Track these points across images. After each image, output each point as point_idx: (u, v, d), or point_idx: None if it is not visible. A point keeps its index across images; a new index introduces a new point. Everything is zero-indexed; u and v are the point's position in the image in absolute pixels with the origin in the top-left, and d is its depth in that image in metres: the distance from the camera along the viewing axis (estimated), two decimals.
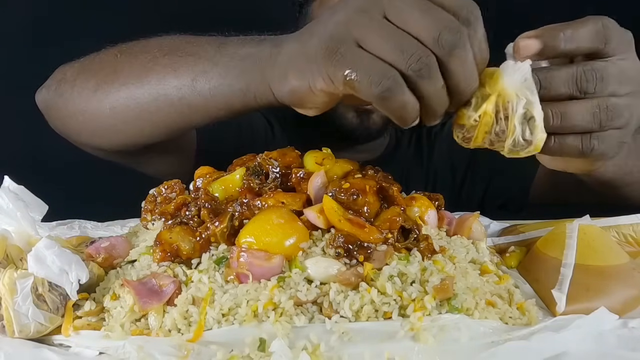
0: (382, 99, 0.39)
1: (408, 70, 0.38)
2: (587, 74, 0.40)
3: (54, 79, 0.66)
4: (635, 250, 0.54)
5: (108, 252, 0.49)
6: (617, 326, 0.42)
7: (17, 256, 0.45)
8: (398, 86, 0.38)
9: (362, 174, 0.51)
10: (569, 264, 0.47)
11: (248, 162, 0.54)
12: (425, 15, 0.38)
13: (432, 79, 0.39)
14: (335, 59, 0.39)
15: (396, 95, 0.39)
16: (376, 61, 0.39)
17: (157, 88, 0.55)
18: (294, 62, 0.43)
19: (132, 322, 0.42)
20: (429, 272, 0.43)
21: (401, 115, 0.40)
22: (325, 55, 0.40)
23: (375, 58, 0.39)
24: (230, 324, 0.40)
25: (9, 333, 0.41)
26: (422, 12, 0.39)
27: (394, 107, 0.39)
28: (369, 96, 0.39)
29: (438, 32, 0.38)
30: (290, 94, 0.44)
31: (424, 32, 0.38)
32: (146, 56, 0.57)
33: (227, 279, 0.43)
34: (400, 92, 0.39)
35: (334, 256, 0.44)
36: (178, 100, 0.53)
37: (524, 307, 0.44)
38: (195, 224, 0.48)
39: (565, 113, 0.40)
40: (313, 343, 0.39)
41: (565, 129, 0.41)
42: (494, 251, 0.56)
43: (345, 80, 0.39)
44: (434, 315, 0.40)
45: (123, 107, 0.58)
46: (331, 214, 0.45)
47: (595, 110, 0.40)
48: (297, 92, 0.43)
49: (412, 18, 0.38)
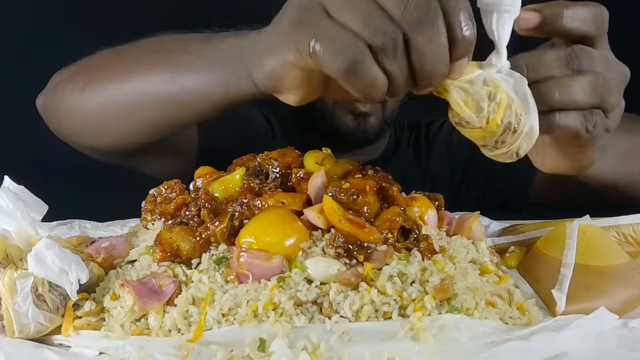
0: (346, 72, 0.37)
1: (373, 43, 0.36)
2: (576, 51, 0.40)
3: (52, 82, 0.67)
4: (635, 250, 0.54)
5: (108, 252, 0.49)
6: (617, 326, 0.42)
7: (17, 256, 0.45)
8: (364, 59, 0.36)
9: (362, 174, 0.51)
10: (569, 264, 0.47)
11: (248, 162, 0.54)
12: None
13: (395, 56, 0.37)
14: (303, 28, 0.38)
15: (362, 69, 0.36)
16: (342, 31, 0.37)
17: (143, 84, 0.55)
18: (269, 43, 0.42)
19: (132, 322, 0.42)
20: (429, 272, 0.43)
21: (368, 90, 0.38)
22: (293, 25, 0.39)
23: (341, 28, 0.37)
24: (230, 324, 0.40)
25: (9, 333, 0.41)
26: None
27: (360, 82, 0.37)
28: (333, 68, 0.37)
29: (406, 8, 0.36)
30: (266, 76, 0.43)
31: (393, 8, 0.36)
32: (134, 53, 0.57)
33: (227, 279, 0.43)
34: (365, 65, 0.36)
35: (334, 256, 0.44)
36: (163, 94, 0.53)
37: (524, 307, 0.44)
38: (195, 224, 0.48)
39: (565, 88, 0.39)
40: (313, 343, 0.39)
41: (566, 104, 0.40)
42: (494, 251, 0.56)
43: (310, 50, 0.37)
44: (434, 315, 0.40)
45: (110, 103, 0.58)
46: (331, 214, 0.45)
47: (594, 85, 0.40)
48: (272, 73, 0.42)
49: None
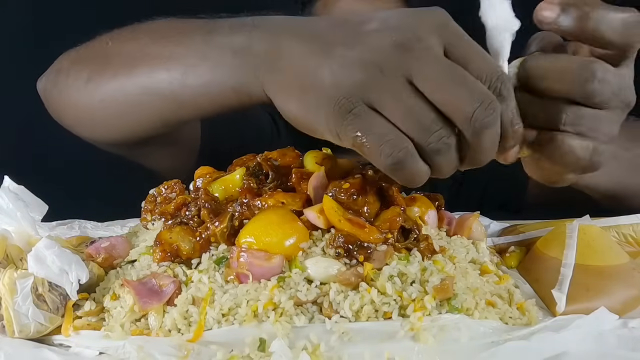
0: (391, 170, 0.37)
1: (427, 145, 0.36)
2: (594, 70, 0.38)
3: (53, 67, 0.66)
4: (635, 250, 0.54)
5: (108, 252, 0.49)
6: (617, 326, 0.42)
7: (17, 256, 0.45)
8: (410, 158, 0.36)
9: (362, 174, 0.51)
10: (569, 264, 0.47)
11: (248, 162, 0.54)
12: (459, 86, 0.35)
13: (448, 155, 0.37)
14: (348, 118, 0.36)
15: (407, 167, 0.36)
16: (390, 130, 0.36)
17: (146, 81, 0.53)
18: (298, 87, 0.40)
19: (132, 322, 0.42)
20: (429, 272, 0.43)
21: (410, 182, 0.38)
22: (337, 112, 0.37)
23: (390, 126, 0.36)
24: (230, 324, 0.40)
25: (9, 333, 0.41)
26: (455, 82, 0.35)
27: (403, 176, 0.37)
28: (377, 164, 0.37)
29: (472, 111, 0.35)
30: (288, 114, 0.41)
31: (454, 107, 0.35)
32: (135, 45, 0.55)
33: (227, 279, 0.43)
34: (411, 163, 0.36)
35: (334, 256, 0.44)
36: (169, 94, 0.51)
37: (524, 307, 0.44)
38: (195, 224, 0.48)
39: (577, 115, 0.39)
40: (313, 343, 0.39)
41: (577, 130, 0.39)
42: (494, 251, 0.56)
43: (354, 141, 0.37)
44: (434, 315, 0.40)
45: (113, 100, 0.57)
46: (331, 214, 0.45)
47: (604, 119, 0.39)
48: (296, 120, 0.41)
49: (442, 88, 0.36)
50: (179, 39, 0.51)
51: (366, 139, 0.36)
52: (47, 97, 0.67)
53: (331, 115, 0.37)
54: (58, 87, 0.63)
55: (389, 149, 0.36)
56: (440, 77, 0.36)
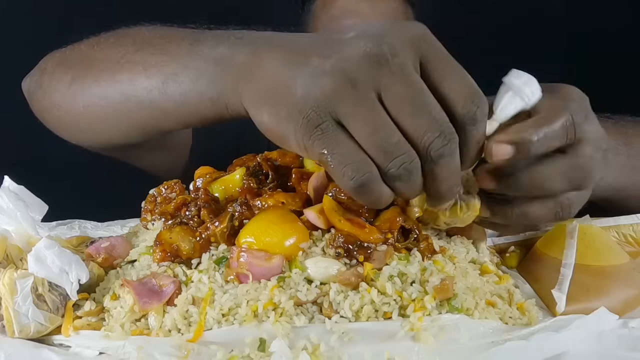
0: (354, 193, 0.37)
1: (387, 170, 0.36)
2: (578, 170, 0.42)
3: (38, 67, 0.65)
4: (635, 250, 0.54)
5: (108, 252, 0.49)
6: (617, 326, 0.42)
7: (17, 256, 0.45)
8: (373, 181, 0.37)
9: None
10: (569, 264, 0.47)
11: (248, 162, 0.54)
12: (421, 113, 0.36)
13: (410, 182, 0.37)
14: (315, 134, 0.37)
15: (369, 190, 0.37)
16: (355, 151, 0.36)
17: (128, 88, 0.53)
18: (272, 98, 0.40)
19: (132, 322, 0.42)
20: (429, 272, 0.43)
21: (374, 204, 0.39)
22: (305, 126, 0.37)
23: (355, 146, 0.36)
24: (230, 324, 0.40)
25: (9, 333, 0.41)
26: (419, 108, 0.36)
27: (367, 199, 0.38)
28: (340, 185, 0.38)
29: (429, 139, 0.36)
30: (261, 125, 0.41)
31: (415, 133, 0.36)
32: (119, 50, 0.55)
33: (227, 279, 0.43)
34: (374, 186, 0.37)
35: (334, 256, 0.44)
36: (149, 103, 0.51)
37: (524, 307, 0.44)
38: (195, 224, 0.48)
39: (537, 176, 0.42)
40: (313, 343, 0.39)
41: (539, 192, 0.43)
42: (494, 251, 0.56)
43: (320, 158, 0.37)
44: (434, 316, 0.40)
45: (95, 106, 0.56)
46: (331, 214, 0.45)
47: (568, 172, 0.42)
48: (269, 132, 0.41)
49: (405, 111, 0.36)
50: (164, 46, 0.51)
51: (330, 159, 0.37)
52: (31, 98, 0.67)
53: (300, 129, 0.37)
54: (42, 88, 0.63)
55: (352, 172, 0.36)
56: (407, 99, 0.36)
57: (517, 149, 0.40)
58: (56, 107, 0.61)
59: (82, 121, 0.59)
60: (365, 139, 0.36)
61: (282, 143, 0.40)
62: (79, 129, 0.62)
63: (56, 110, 0.62)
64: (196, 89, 0.47)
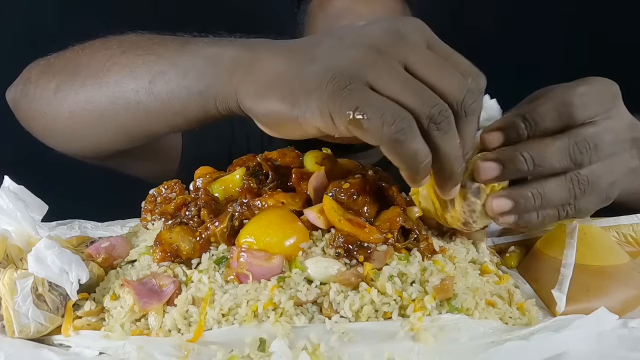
0: (394, 141, 0.35)
1: (428, 119, 0.36)
2: (579, 145, 0.41)
3: (22, 77, 0.65)
4: (635, 250, 0.54)
5: (108, 252, 0.49)
6: (617, 326, 0.42)
7: (17, 256, 0.45)
8: (413, 130, 0.35)
9: (362, 174, 0.51)
10: (569, 264, 0.47)
11: (248, 162, 0.54)
12: (450, 73, 0.37)
13: (451, 133, 0.37)
14: (343, 95, 0.35)
15: (409, 140, 0.35)
16: (390, 102, 0.36)
17: (114, 90, 0.52)
18: (281, 83, 0.39)
19: (132, 322, 0.42)
20: (429, 272, 0.43)
21: (411, 164, 0.36)
22: (331, 90, 0.36)
23: (389, 100, 0.36)
24: (230, 324, 0.40)
25: (9, 333, 0.41)
26: (446, 69, 0.37)
27: (404, 153, 0.36)
28: (378, 136, 0.35)
29: (463, 93, 0.36)
30: (267, 116, 0.40)
31: (450, 88, 0.36)
32: (105, 54, 0.54)
33: (227, 279, 0.43)
34: (414, 137, 0.35)
35: (334, 256, 0.44)
36: (135, 104, 0.50)
37: (524, 307, 0.44)
38: (195, 224, 0.48)
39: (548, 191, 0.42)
40: (313, 343, 0.39)
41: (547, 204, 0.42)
42: (494, 251, 0.56)
43: (350, 118, 0.35)
44: (434, 316, 0.40)
45: (81, 111, 0.56)
46: (331, 214, 0.45)
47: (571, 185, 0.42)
48: (278, 118, 0.39)
49: (434, 73, 0.37)
50: (152, 48, 0.50)
51: (366, 111, 0.35)
52: (17, 108, 0.66)
53: (324, 96, 0.36)
54: (28, 97, 0.62)
55: (391, 117, 0.35)
56: (432, 64, 0.37)
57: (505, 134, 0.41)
58: (42, 114, 0.60)
59: (68, 127, 0.58)
60: (401, 92, 0.36)
61: (294, 127, 0.39)
62: (64, 135, 0.61)
63: (42, 117, 0.61)
64: (184, 84, 0.46)
